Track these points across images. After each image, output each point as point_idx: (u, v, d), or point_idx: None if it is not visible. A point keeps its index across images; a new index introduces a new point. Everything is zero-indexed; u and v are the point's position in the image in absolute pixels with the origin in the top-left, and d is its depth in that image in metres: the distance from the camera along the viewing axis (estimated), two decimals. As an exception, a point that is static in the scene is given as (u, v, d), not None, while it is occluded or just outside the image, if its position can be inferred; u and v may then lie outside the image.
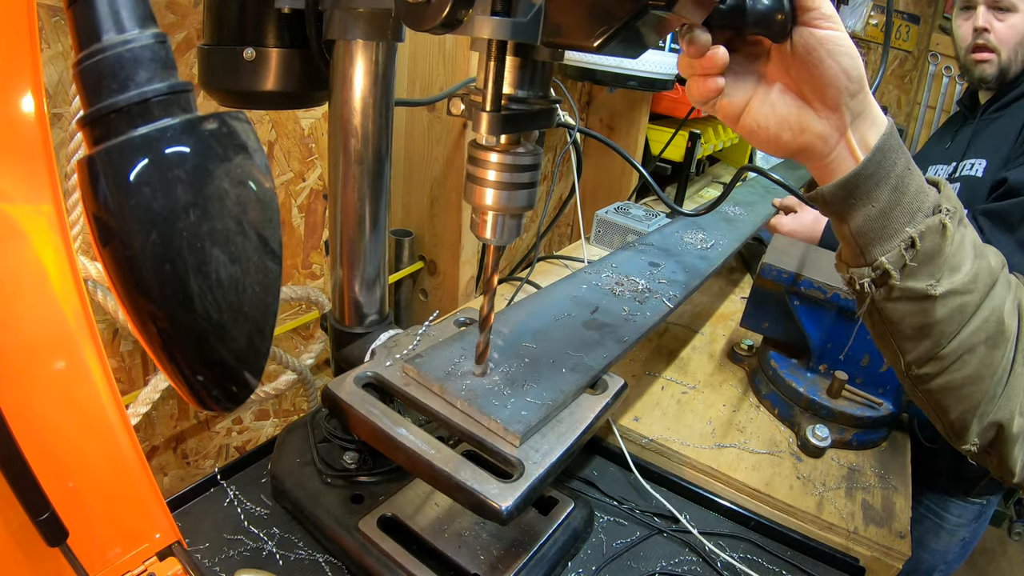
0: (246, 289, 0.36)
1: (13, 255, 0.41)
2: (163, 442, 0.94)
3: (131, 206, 0.31)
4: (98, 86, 0.32)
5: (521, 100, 0.45)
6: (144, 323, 0.34)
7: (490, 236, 0.49)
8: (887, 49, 0.70)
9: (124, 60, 0.32)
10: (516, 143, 0.46)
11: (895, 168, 0.47)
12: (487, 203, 0.47)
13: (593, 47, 0.37)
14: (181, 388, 0.37)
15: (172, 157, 0.32)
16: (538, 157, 0.47)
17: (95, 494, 0.47)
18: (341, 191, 0.59)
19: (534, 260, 1.26)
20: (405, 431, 0.50)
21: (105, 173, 0.31)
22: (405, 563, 0.57)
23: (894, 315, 0.49)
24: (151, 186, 0.31)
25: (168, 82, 0.33)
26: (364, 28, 0.52)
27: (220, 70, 0.55)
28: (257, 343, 0.38)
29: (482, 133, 0.42)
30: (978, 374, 0.50)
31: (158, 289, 0.32)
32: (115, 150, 0.31)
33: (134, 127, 0.32)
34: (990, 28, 1.26)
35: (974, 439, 0.53)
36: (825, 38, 0.44)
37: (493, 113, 0.42)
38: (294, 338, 1.10)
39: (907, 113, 2.99)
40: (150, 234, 0.31)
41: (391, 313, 0.69)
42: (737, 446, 0.84)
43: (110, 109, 0.32)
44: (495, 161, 0.46)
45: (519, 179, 0.47)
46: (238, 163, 0.35)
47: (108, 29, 0.32)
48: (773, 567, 0.69)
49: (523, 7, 0.38)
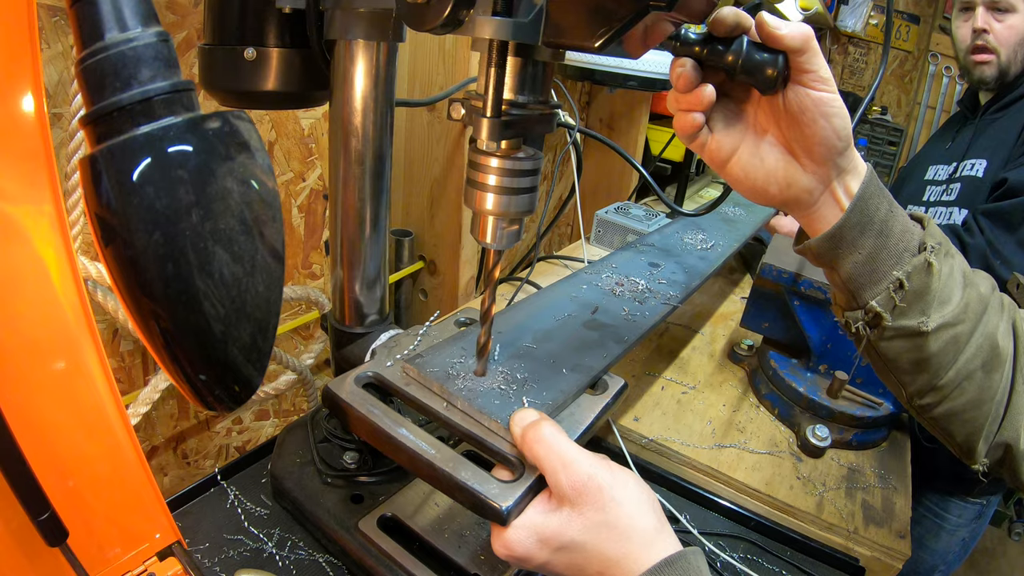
0: (249, 288, 0.36)
1: (14, 255, 0.41)
2: (163, 442, 0.94)
3: (134, 205, 0.31)
4: (101, 84, 0.32)
5: (521, 105, 0.45)
6: (146, 322, 0.34)
7: (490, 240, 0.49)
8: (887, 49, 0.70)
9: (127, 58, 0.32)
10: (516, 148, 0.46)
11: (878, 213, 0.48)
12: (487, 208, 0.47)
13: (594, 47, 0.37)
14: (183, 387, 0.37)
15: (175, 156, 0.32)
16: (538, 162, 0.47)
17: (95, 494, 0.47)
18: (341, 191, 0.59)
19: (534, 260, 1.26)
20: (405, 431, 0.50)
21: (108, 172, 0.31)
22: (405, 563, 0.57)
23: (890, 352, 0.51)
24: (154, 185, 0.31)
25: (171, 80, 0.33)
26: (365, 28, 0.52)
27: (221, 70, 0.55)
28: (260, 342, 0.38)
29: (483, 139, 0.42)
30: (979, 398, 0.51)
31: (161, 288, 0.32)
32: (118, 149, 0.31)
33: (137, 125, 0.32)
34: (989, 29, 1.26)
35: (983, 459, 0.54)
36: (820, 100, 0.45)
37: (493, 119, 0.42)
38: (294, 338, 1.10)
39: (907, 113, 2.99)
40: (153, 233, 0.31)
41: (391, 313, 0.69)
42: (737, 446, 0.84)
43: (113, 107, 0.32)
44: (495, 166, 0.46)
45: (519, 184, 0.47)
46: (241, 162, 0.35)
47: (111, 27, 0.32)
48: (773, 567, 0.69)
49: (524, 7, 0.38)
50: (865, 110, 1.42)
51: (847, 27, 2.86)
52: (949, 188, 1.38)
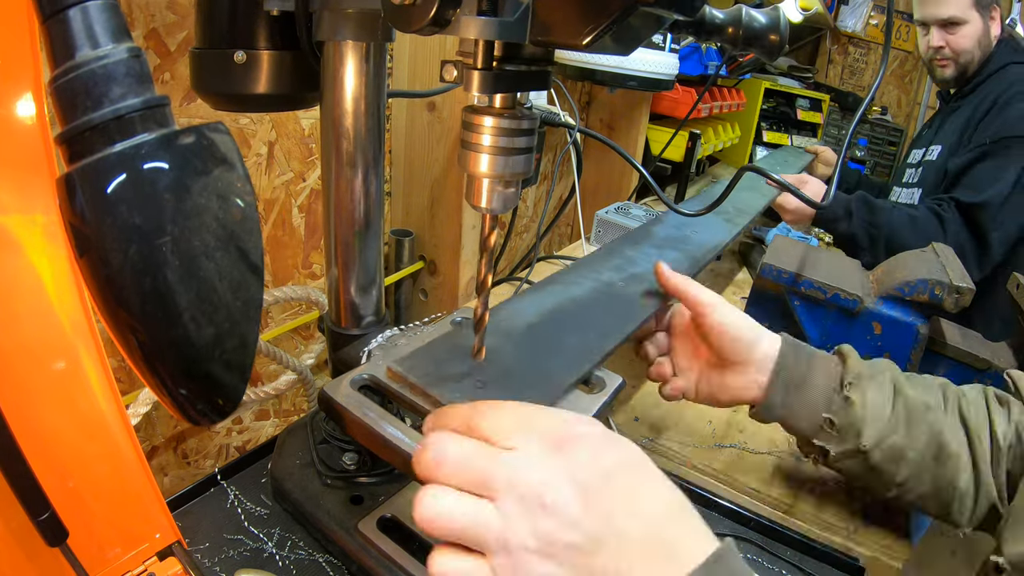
0: (227, 303, 0.35)
1: (8, 265, 0.41)
2: (163, 442, 0.94)
3: (108, 224, 0.31)
4: (72, 104, 0.32)
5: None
6: (124, 336, 0.33)
7: (485, 204, 0.48)
8: (887, 49, 0.70)
9: (97, 76, 0.31)
10: (510, 107, 0.45)
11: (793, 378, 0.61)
12: (481, 170, 0.46)
13: (582, 45, 0.37)
14: (165, 401, 0.36)
15: (149, 173, 0.32)
16: (534, 121, 0.46)
17: (95, 494, 0.47)
18: (334, 192, 0.59)
19: (534, 260, 1.26)
20: (400, 434, 0.50)
21: (83, 191, 0.31)
22: (405, 564, 0.56)
23: (845, 470, 0.62)
24: (127, 203, 0.31)
25: (143, 97, 0.33)
26: (353, 29, 0.52)
27: (211, 73, 0.54)
28: (240, 356, 0.37)
29: (473, 92, 0.41)
30: (937, 487, 0.59)
31: (138, 304, 0.32)
32: (91, 168, 0.31)
33: (110, 144, 0.31)
34: (944, 44, 1.43)
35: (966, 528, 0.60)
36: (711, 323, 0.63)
37: (485, 71, 0.41)
38: (294, 338, 1.10)
39: (907, 113, 2.99)
40: (128, 250, 0.31)
41: (388, 314, 0.69)
42: (737, 446, 0.84)
43: (85, 127, 0.31)
44: (489, 125, 0.44)
45: (514, 144, 0.45)
46: (217, 176, 0.34)
47: (82, 45, 0.32)
48: (773, 567, 0.69)
49: (510, 6, 0.38)
50: (865, 110, 1.49)
51: (847, 27, 2.86)
52: (916, 171, 1.54)
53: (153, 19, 0.75)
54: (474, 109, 0.46)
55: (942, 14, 1.39)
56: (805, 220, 1.35)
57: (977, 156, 1.31)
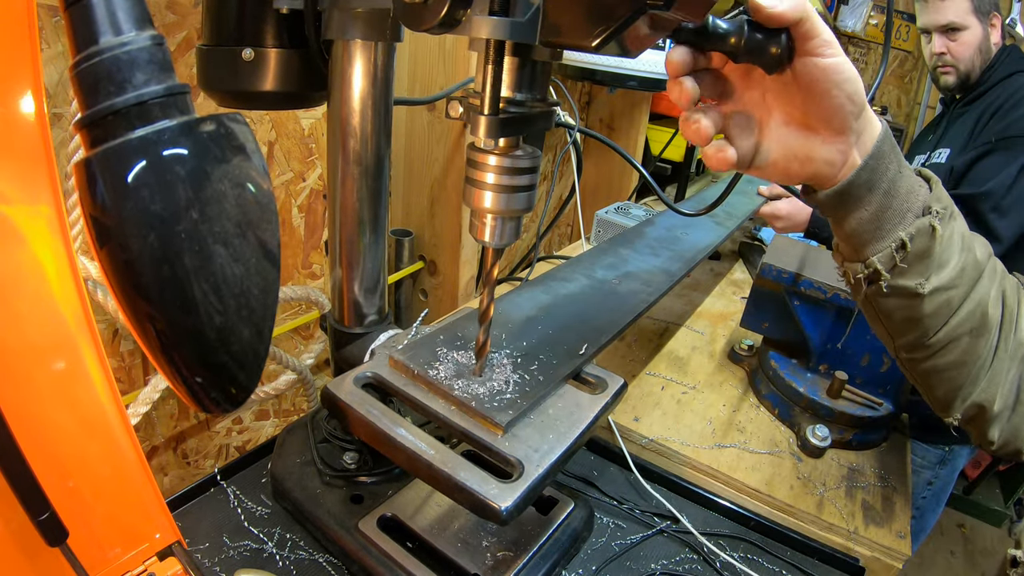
0: (245, 291, 0.35)
1: (11, 257, 0.41)
2: (163, 442, 0.94)
3: (128, 208, 0.31)
4: (95, 88, 0.32)
5: (519, 103, 0.45)
6: (142, 325, 0.34)
7: (489, 239, 0.49)
8: (887, 49, 0.70)
9: (121, 62, 0.32)
10: (514, 146, 0.46)
11: (887, 173, 0.48)
12: (485, 206, 0.47)
13: (591, 47, 0.37)
14: (180, 390, 0.37)
15: (170, 159, 0.32)
16: (536, 160, 0.47)
17: (95, 494, 0.47)
18: (340, 191, 0.59)
19: (534, 260, 1.26)
20: (404, 431, 0.50)
21: (103, 175, 0.31)
22: (405, 563, 0.57)
23: (884, 308, 0.52)
24: (149, 188, 0.31)
25: (165, 84, 0.33)
26: (362, 28, 0.52)
27: (219, 71, 0.55)
28: (256, 345, 0.38)
29: (480, 137, 0.42)
30: (962, 361, 0.53)
31: (156, 291, 0.32)
32: (112, 153, 0.31)
33: (132, 129, 0.32)
34: (946, 50, 1.46)
35: (956, 415, 0.56)
36: (828, 68, 0.44)
37: (491, 116, 0.42)
38: (294, 338, 1.10)
39: (907, 113, 2.99)
40: (148, 236, 0.31)
41: (391, 313, 0.69)
42: (737, 446, 0.84)
43: (107, 111, 0.32)
44: (493, 164, 0.46)
45: (517, 182, 0.46)
46: (236, 164, 0.35)
47: (105, 31, 0.32)
48: (773, 567, 0.69)
49: (521, 7, 0.38)
50: (865, 110, 1.52)
51: (847, 27, 2.85)
52: None
53: (153, 19, 0.75)
54: (478, 148, 0.47)
55: (942, 20, 1.45)
56: (797, 228, 1.36)
57: (980, 153, 1.34)
